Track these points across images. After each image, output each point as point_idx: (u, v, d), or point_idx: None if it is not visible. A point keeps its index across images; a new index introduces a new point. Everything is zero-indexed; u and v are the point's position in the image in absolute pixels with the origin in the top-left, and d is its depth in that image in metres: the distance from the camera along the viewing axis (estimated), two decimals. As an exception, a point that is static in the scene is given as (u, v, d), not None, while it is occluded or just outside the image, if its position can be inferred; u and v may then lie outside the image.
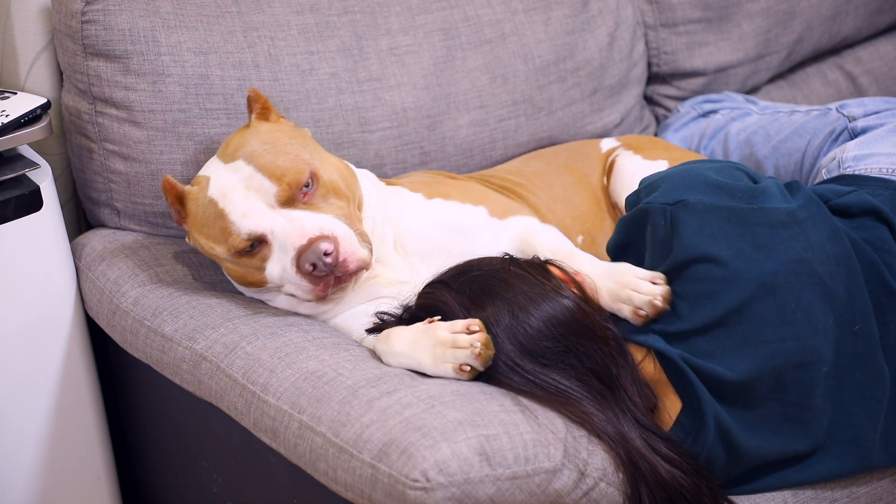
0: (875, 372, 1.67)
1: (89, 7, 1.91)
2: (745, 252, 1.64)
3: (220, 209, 1.73)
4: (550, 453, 1.49)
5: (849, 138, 2.08)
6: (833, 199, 1.79)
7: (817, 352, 1.63)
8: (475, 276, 1.68)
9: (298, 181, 1.71)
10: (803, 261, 1.65)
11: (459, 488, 1.42)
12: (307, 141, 1.82)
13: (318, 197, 1.74)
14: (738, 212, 1.67)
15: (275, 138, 1.77)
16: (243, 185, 1.72)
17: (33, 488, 2.00)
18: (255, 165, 1.73)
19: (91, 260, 1.95)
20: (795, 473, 1.68)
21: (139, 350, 1.83)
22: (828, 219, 1.72)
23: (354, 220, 1.77)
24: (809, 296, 1.63)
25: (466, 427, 1.46)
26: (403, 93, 2.15)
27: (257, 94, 1.84)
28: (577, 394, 1.57)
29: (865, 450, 1.67)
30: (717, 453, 1.62)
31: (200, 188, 1.77)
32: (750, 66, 2.61)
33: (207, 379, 1.70)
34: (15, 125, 1.86)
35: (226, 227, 1.72)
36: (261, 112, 1.84)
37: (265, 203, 1.71)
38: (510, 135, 2.26)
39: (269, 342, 1.68)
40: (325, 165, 1.78)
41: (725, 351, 1.62)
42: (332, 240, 1.68)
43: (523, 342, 1.60)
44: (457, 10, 2.22)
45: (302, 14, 2.08)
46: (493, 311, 1.62)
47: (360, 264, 1.71)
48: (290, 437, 1.56)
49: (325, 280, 1.70)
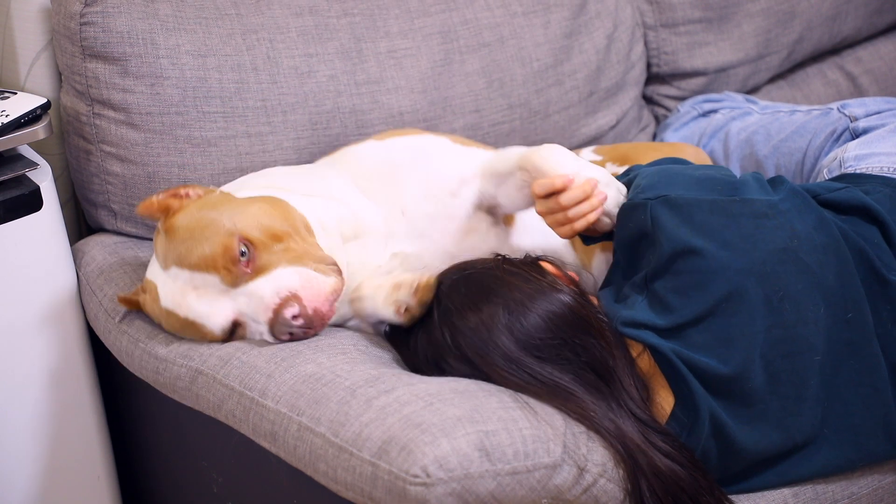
0: (870, 359, 1.66)
1: (88, 9, 1.91)
2: (731, 242, 1.64)
3: (184, 318, 1.71)
4: (550, 448, 1.49)
5: (850, 138, 2.08)
6: (823, 193, 1.79)
7: (806, 341, 1.63)
8: (470, 276, 1.68)
9: (232, 258, 1.65)
10: (789, 250, 1.65)
11: (460, 483, 1.42)
12: (220, 204, 1.73)
13: (261, 255, 1.67)
14: (721, 204, 1.68)
15: (191, 229, 1.69)
16: (191, 287, 1.69)
17: (33, 488, 2.00)
18: (188, 267, 1.68)
19: (90, 271, 1.96)
20: (794, 467, 1.67)
21: (135, 369, 1.83)
22: (814, 209, 1.72)
23: (308, 250, 1.70)
24: (797, 284, 1.64)
25: (465, 423, 1.46)
26: (401, 96, 2.15)
27: (147, 206, 1.74)
28: (575, 388, 1.57)
29: (864, 438, 1.67)
30: (711, 447, 1.61)
31: (153, 298, 1.74)
32: (750, 66, 2.61)
33: (205, 392, 1.69)
34: (15, 125, 1.86)
35: (198, 330, 1.71)
36: (164, 213, 1.75)
37: (219, 293, 1.68)
38: (502, 139, 2.26)
39: (265, 350, 1.67)
40: (248, 220, 1.69)
41: (719, 342, 1.61)
42: (294, 298, 1.64)
43: (521, 338, 1.60)
44: (456, 14, 2.23)
45: (301, 16, 2.09)
46: (491, 310, 1.62)
47: (331, 298, 1.67)
48: (289, 439, 1.56)
49: (308, 332, 1.68)
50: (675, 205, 1.68)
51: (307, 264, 1.67)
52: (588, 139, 2.40)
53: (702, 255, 1.63)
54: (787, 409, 1.63)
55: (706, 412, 1.60)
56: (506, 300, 1.62)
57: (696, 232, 1.65)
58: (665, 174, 1.76)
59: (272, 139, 2.04)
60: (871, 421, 1.67)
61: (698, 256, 1.63)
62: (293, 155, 2.05)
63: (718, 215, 1.67)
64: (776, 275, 1.63)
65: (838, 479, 1.71)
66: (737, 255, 1.63)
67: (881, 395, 1.67)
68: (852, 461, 1.69)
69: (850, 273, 1.68)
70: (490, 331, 1.60)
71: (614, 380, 1.60)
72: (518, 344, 1.59)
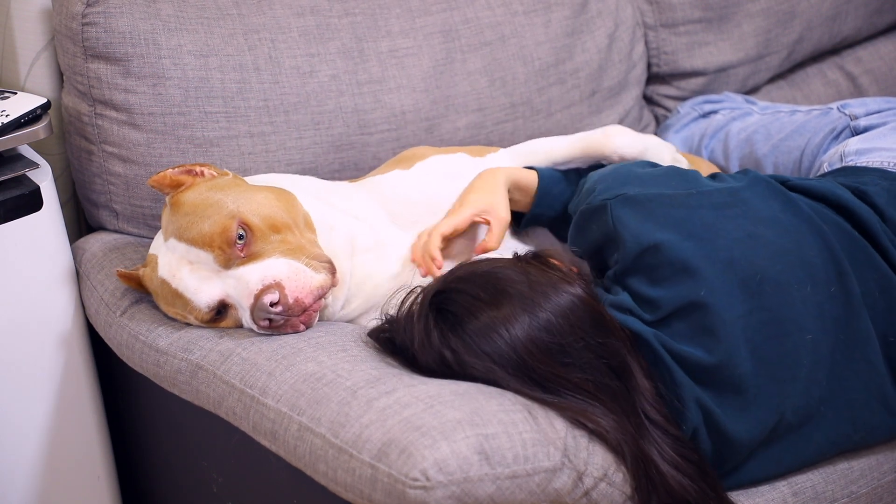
0: (861, 332, 1.67)
1: (90, 9, 1.91)
2: (694, 233, 1.65)
3: (175, 289, 1.73)
4: (550, 452, 1.49)
5: (850, 136, 2.09)
6: (791, 180, 1.81)
7: (794, 321, 1.63)
8: (483, 274, 1.65)
9: (229, 239, 1.68)
10: (755, 235, 1.66)
11: (459, 487, 1.42)
12: (229, 187, 1.77)
13: (257, 242, 1.70)
14: (679, 198, 1.69)
15: (196, 205, 1.73)
16: (187, 261, 1.71)
17: (33, 488, 2.00)
18: (185, 241, 1.71)
19: (90, 267, 1.96)
20: (791, 451, 1.66)
21: (135, 363, 1.83)
22: (778, 193, 1.73)
23: (304, 245, 1.73)
24: (775, 266, 1.64)
25: (465, 426, 1.46)
26: (403, 95, 2.15)
27: (160, 178, 1.79)
28: (594, 398, 1.55)
29: (860, 411, 1.67)
30: (704, 439, 1.60)
31: (151, 268, 1.78)
32: (750, 66, 2.61)
33: (205, 388, 1.70)
34: (15, 125, 1.86)
35: (186, 303, 1.73)
36: (173, 188, 1.80)
37: (212, 272, 1.70)
38: (507, 137, 2.26)
39: (265, 346, 1.68)
40: (252, 206, 1.72)
41: (702, 332, 1.61)
42: (276, 286, 1.65)
43: (542, 339, 1.56)
44: (457, 13, 2.23)
45: (303, 16, 2.09)
46: (509, 309, 1.58)
47: (317, 293, 1.68)
48: (289, 438, 1.56)
49: (288, 323, 1.69)
50: (636, 201, 1.68)
51: (300, 258, 1.69)
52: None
53: (667, 248, 1.63)
54: (783, 391, 1.62)
55: (693, 403, 1.60)
56: (522, 299, 1.58)
57: (659, 226, 1.65)
58: (617, 174, 1.77)
59: (274, 139, 2.04)
60: (866, 393, 1.67)
61: (665, 250, 1.63)
62: (296, 155, 2.05)
63: (678, 208, 1.68)
64: (747, 260, 1.64)
65: (838, 477, 1.71)
66: (701, 244, 1.64)
67: (874, 367, 1.67)
68: (850, 436, 1.68)
69: (830, 247, 1.68)
70: (508, 333, 1.57)
71: (632, 377, 1.58)
72: (538, 347, 1.55)
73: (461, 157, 1.98)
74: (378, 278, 1.85)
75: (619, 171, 1.80)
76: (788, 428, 1.65)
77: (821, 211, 1.73)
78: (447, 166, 1.95)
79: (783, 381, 1.62)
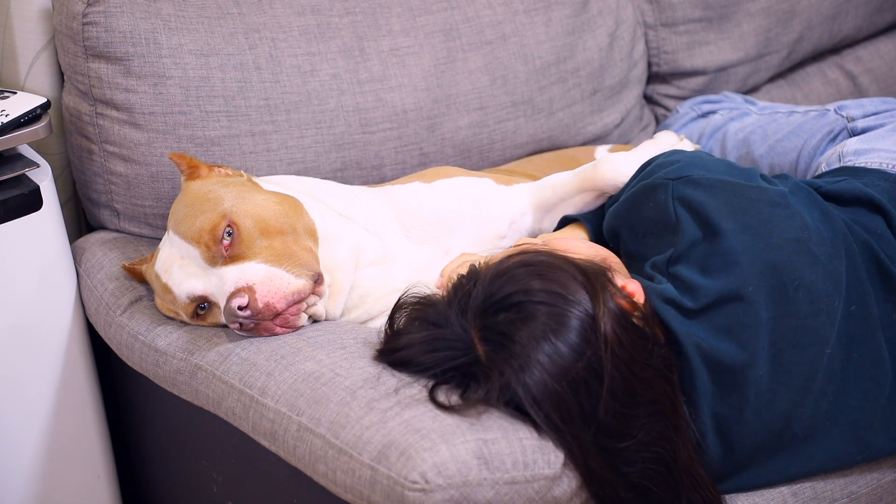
0: (873, 353, 1.66)
1: (90, 9, 1.91)
2: (751, 226, 1.64)
3: (164, 283, 1.75)
4: (551, 460, 1.49)
5: (848, 137, 2.09)
6: (823, 186, 1.80)
7: (818, 332, 1.62)
8: (501, 300, 1.56)
9: (215, 237, 1.68)
10: (801, 240, 1.65)
11: (458, 490, 1.43)
12: (234, 186, 1.78)
13: (243, 244, 1.69)
14: (741, 188, 1.68)
15: (196, 198, 1.75)
16: (179, 255, 1.73)
17: (33, 488, 2.01)
18: (180, 234, 1.72)
19: (90, 266, 1.96)
20: (794, 463, 1.66)
21: (135, 363, 1.83)
22: (818, 203, 1.73)
23: (294, 252, 1.71)
24: (812, 275, 1.63)
25: (465, 430, 1.46)
26: (404, 94, 2.15)
27: (180, 156, 1.82)
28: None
29: (863, 432, 1.66)
30: (711, 443, 1.60)
31: (152, 262, 1.80)
32: (750, 65, 2.61)
33: (204, 388, 1.70)
34: (15, 125, 1.86)
35: (172, 297, 1.75)
36: (189, 172, 1.82)
37: (199, 268, 1.71)
38: (509, 136, 2.26)
39: (264, 346, 1.68)
40: (246, 208, 1.71)
41: (740, 327, 1.60)
42: (248, 290, 1.64)
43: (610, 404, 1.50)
44: (458, 11, 2.22)
45: (303, 15, 2.08)
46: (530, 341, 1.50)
47: (291, 298, 1.67)
48: (289, 439, 1.56)
49: (262, 326, 1.68)
50: (699, 184, 1.67)
51: (282, 264, 1.68)
52: (594, 137, 2.40)
53: (725, 236, 1.62)
54: (794, 400, 1.62)
55: (708, 410, 1.59)
56: (543, 325, 1.50)
57: (719, 212, 1.64)
58: (684, 157, 1.76)
59: (276, 138, 2.04)
60: (871, 414, 1.66)
61: (721, 237, 1.62)
62: (298, 154, 2.05)
63: (740, 198, 1.67)
64: (792, 263, 1.63)
65: (837, 477, 1.72)
66: (756, 238, 1.63)
67: (881, 389, 1.67)
68: (852, 455, 1.68)
69: (855, 265, 1.68)
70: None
71: (680, 415, 1.55)
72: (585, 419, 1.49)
73: (486, 183, 1.95)
74: (380, 292, 1.84)
75: (684, 154, 1.79)
76: (793, 439, 1.65)
77: (852, 226, 1.72)
78: (468, 188, 1.93)
79: (796, 391, 1.62)
